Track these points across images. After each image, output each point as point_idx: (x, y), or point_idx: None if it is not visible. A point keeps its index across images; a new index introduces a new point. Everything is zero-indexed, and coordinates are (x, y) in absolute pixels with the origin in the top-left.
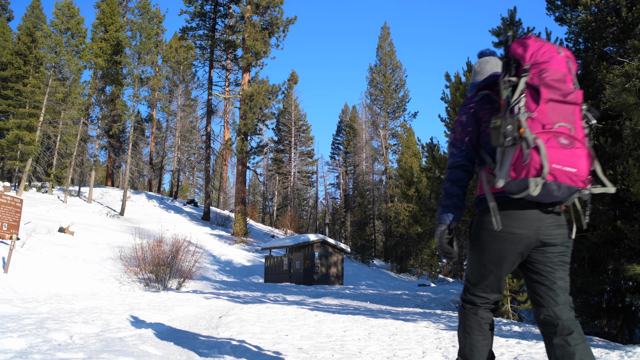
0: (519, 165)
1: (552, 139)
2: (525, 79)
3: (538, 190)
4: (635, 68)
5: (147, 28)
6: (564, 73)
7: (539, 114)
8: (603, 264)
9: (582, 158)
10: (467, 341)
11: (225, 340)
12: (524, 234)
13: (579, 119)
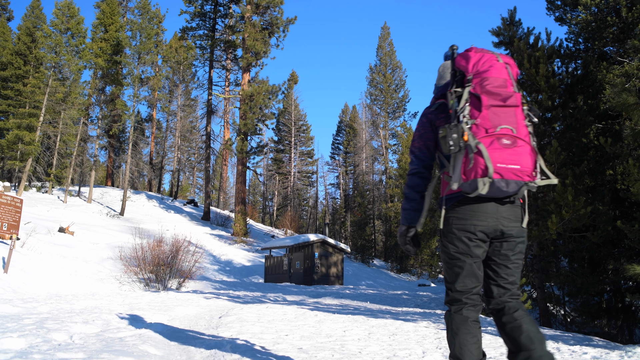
0: (467, 169)
1: (495, 142)
2: (468, 89)
3: (487, 189)
4: (635, 68)
5: (147, 28)
6: (504, 79)
7: (482, 119)
8: (603, 264)
9: (525, 155)
10: (455, 342)
11: (226, 340)
12: (485, 224)
13: (521, 120)
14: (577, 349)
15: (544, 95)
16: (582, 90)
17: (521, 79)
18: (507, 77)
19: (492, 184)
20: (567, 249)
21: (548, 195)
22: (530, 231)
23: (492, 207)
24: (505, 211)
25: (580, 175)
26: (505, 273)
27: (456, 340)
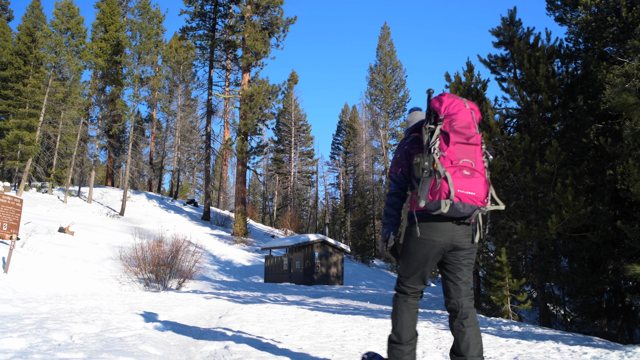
0: (434, 191)
1: (457, 172)
2: (440, 127)
3: (447, 209)
4: (635, 68)
5: (147, 28)
6: (469, 122)
7: (449, 153)
8: (603, 264)
9: (480, 185)
10: (398, 322)
11: (226, 340)
12: (442, 241)
13: (479, 156)
14: (577, 349)
15: (544, 95)
16: (582, 90)
17: (521, 79)
18: (471, 121)
19: (452, 205)
20: (567, 249)
21: (548, 195)
22: (530, 231)
23: (449, 226)
24: (460, 229)
25: (580, 175)
26: (460, 274)
27: (399, 321)
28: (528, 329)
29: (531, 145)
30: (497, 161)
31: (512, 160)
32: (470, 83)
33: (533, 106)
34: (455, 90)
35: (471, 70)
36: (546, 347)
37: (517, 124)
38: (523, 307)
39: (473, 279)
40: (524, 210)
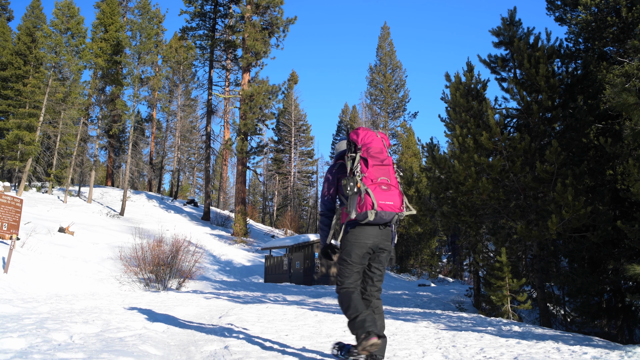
0: (360, 204)
1: (377, 187)
2: (359, 154)
3: (373, 217)
4: (635, 68)
5: (147, 28)
6: (381, 147)
7: (369, 173)
8: (603, 264)
9: (396, 196)
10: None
11: (226, 340)
12: (370, 243)
13: (392, 173)
14: (577, 349)
15: (544, 95)
16: (582, 90)
17: (521, 79)
18: (382, 147)
19: (376, 214)
20: (567, 249)
21: (548, 195)
22: (530, 231)
23: (376, 231)
24: (383, 234)
25: (580, 175)
26: (379, 272)
27: (350, 303)
28: (528, 329)
29: (531, 145)
30: (497, 161)
31: (512, 160)
32: (470, 83)
33: (533, 106)
34: (456, 90)
35: (471, 70)
36: (546, 347)
37: (517, 124)
38: (523, 307)
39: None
40: (524, 210)
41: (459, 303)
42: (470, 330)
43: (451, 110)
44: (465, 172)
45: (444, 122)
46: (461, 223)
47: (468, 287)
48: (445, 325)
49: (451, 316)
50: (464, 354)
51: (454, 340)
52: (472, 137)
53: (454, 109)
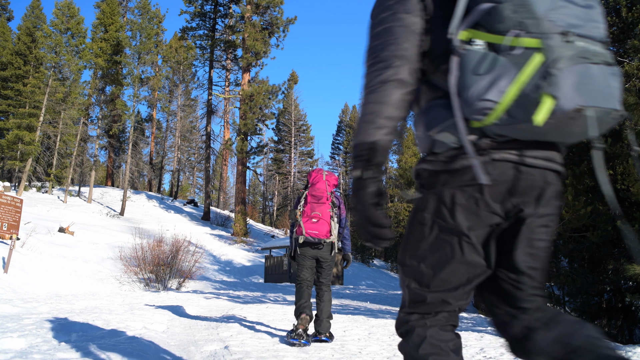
0: (298, 230)
1: (309, 220)
2: (306, 192)
3: (302, 240)
4: (635, 68)
5: (147, 28)
6: (322, 189)
7: (306, 209)
8: (603, 264)
9: (323, 227)
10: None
11: (226, 340)
12: (310, 254)
13: (326, 209)
14: None
15: None
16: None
17: None
18: (324, 188)
19: (305, 238)
20: (567, 249)
21: None
22: None
23: (311, 248)
24: (322, 249)
25: (580, 175)
26: (324, 273)
27: (297, 294)
28: None
29: None
30: None
31: None
32: None
33: None
34: None
35: None
36: None
37: None
38: None
39: None
40: None
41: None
42: (470, 330)
43: None
44: None
45: None
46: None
47: None
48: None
49: None
50: (463, 354)
51: None
52: None
53: None
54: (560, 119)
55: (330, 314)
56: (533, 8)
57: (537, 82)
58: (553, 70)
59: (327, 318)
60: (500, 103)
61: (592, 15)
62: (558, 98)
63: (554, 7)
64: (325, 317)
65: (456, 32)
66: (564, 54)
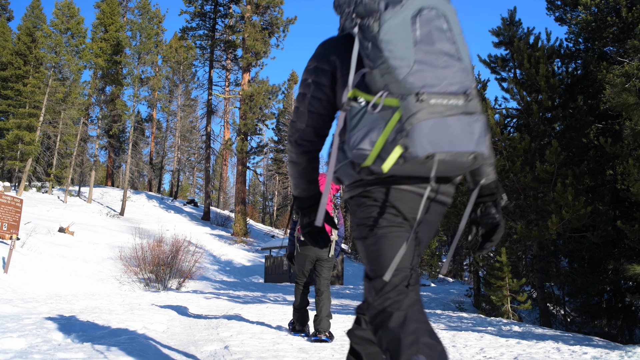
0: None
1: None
2: None
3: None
4: (635, 68)
5: (147, 28)
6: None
7: None
8: (603, 264)
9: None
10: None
11: (226, 340)
12: (310, 254)
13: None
14: (577, 349)
15: (544, 95)
16: (582, 90)
17: (521, 79)
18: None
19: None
20: (567, 249)
21: (548, 195)
22: (530, 231)
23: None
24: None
25: (580, 175)
26: (322, 272)
27: (297, 297)
28: (528, 329)
29: (531, 145)
30: (497, 161)
31: (512, 160)
32: None
33: (533, 106)
34: None
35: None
36: (546, 347)
37: (517, 124)
38: (523, 307)
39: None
40: (524, 210)
41: (459, 303)
42: (470, 330)
43: None
44: None
45: None
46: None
47: (468, 287)
48: (445, 325)
49: (451, 316)
50: (464, 354)
51: (454, 340)
52: None
53: None
54: (415, 163)
55: (329, 312)
56: (395, 73)
57: (395, 135)
58: (406, 125)
59: (326, 317)
60: (372, 151)
61: (449, 74)
62: (409, 148)
63: (413, 72)
64: (325, 316)
65: (345, 91)
66: (416, 112)
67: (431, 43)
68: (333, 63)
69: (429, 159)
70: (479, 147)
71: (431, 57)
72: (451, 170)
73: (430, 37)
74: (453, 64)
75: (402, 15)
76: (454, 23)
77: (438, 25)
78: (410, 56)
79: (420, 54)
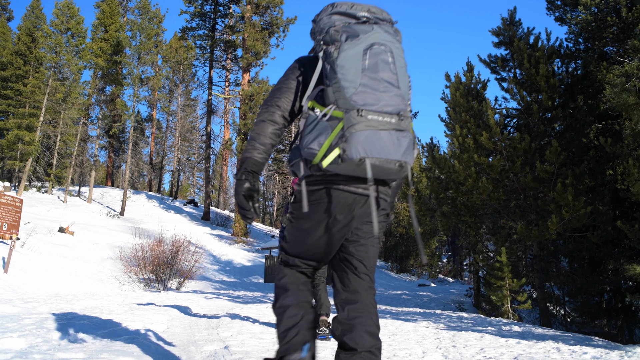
0: None
1: None
2: None
3: None
4: (635, 68)
5: (147, 28)
6: None
7: None
8: (603, 264)
9: None
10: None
11: (226, 340)
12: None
13: None
14: (577, 349)
15: (544, 95)
16: (582, 90)
17: (521, 79)
18: None
19: None
20: (567, 249)
21: (548, 195)
22: (530, 231)
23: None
24: None
25: (580, 175)
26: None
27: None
28: (528, 329)
29: (531, 145)
30: (497, 161)
31: (512, 160)
32: (470, 83)
33: (533, 106)
34: (456, 90)
35: (471, 70)
36: (546, 347)
37: (517, 124)
38: (523, 307)
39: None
40: (524, 210)
41: (459, 303)
42: (470, 330)
43: (451, 110)
44: (465, 172)
45: (444, 122)
46: (461, 223)
47: (468, 287)
48: (445, 325)
49: (451, 316)
50: (464, 354)
51: (454, 340)
52: (472, 137)
53: (454, 109)
54: (350, 164)
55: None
56: (344, 92)
57: (337, 140)
58: (346, 133)
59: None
60: (320, 151)
61: (386, 97)
62: (346, 151)
63: (357, 92)
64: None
65: (306, 101)
66: (356, 123)
67: (376, 72)
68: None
69: (362, 162)
70: (405, 157)
71: (374, 82)
72: (381, 174)
73: (376, 66)
74: (391, 89)
75: (356, 47)
76: (398, 58)
77: (384, 58)
78: (357, 80)
79: (366, 79)
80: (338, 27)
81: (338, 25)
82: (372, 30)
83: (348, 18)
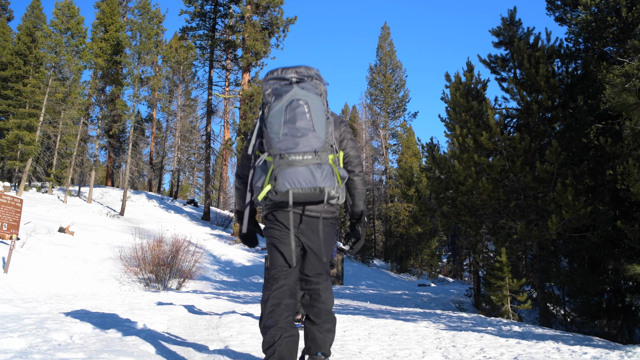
0: None
1: None
2: None
3: None
4: (635, 68)
5: (147, 28)
6: None
7: None
8: (603, 264)
9: None
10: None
11: (226, 340)
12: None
13: None
14: (577, 349)
15: (544, 95)
16: (582, 90)
17: (521, 79)
18: None
19: None
20: (567, 249)
21: (548, 195)
22: (530, 231)
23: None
24: None
25: (580, 175)
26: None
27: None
28: (528, 329)
29: (531, 145)
30: (497, 161)
31: (512, 160)
32: (470, 83)
33: (533, 106)
34: (456, 90)
35: (471, 70)
36: (546, 347)
37: (517, 124)
38: (523, 307)
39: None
40: (524, 210)
41: (459, 303)
42: (470, 330)
43: (451, 110)
44: (465, 172)
45: (444, 122)
46: (461, 223)
47: (468, 287)
48: (445, 325)
49: (451, 316)
50: (464, 354)
51: (454, 340)
52: (472, 137)
53: (454, 109)
54: (282, 195)
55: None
56: (272, 142)
57: (270, 179)
58: (275, 172)
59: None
60: (263, 188)
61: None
62: (276, 186)
63: (281, 140)
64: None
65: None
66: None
67: (294, 122)
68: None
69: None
70: (324, 183)
71: (293, 130)
72: (307, 198)
73: (294, 118)
74: (307, 133)
75: (279, 105)
76: (314, 107)
77: (300, 110)
78: (280, 131)
79: (287, 129)
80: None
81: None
82: (292, 90)
83: (280, 81)
